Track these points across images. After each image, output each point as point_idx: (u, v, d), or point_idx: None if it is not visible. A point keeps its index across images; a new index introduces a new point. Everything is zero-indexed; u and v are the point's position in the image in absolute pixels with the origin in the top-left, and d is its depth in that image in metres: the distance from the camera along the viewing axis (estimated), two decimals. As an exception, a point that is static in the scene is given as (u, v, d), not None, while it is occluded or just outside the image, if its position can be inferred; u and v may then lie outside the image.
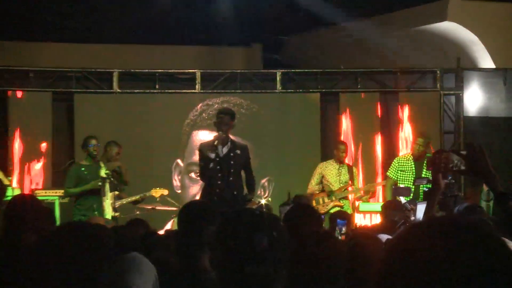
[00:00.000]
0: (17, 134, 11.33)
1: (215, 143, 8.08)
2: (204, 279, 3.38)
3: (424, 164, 9.38)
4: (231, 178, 8.03)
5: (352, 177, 10.07)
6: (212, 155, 8.04)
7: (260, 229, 2.13)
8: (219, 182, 7.98)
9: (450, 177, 8.51)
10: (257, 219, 2.28)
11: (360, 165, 11.57)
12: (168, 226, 9.25)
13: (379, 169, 11.51)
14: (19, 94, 11.61)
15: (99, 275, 2.39)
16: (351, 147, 11.53)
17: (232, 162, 8.09)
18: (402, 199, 8.58)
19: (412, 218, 7.02)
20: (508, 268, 1.09)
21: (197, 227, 3.65)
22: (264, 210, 7.67)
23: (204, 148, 8.19)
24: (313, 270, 3.06)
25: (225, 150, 8.11)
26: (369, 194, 10.42)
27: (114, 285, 2.75)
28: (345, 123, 11.96)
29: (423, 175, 9.32)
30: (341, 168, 10.03)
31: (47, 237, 2.79)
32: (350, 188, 10.03)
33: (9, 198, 7.48)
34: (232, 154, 8.12)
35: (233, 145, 8.17)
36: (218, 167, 8.01)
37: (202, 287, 3.38)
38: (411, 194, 9.08)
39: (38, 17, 12.40)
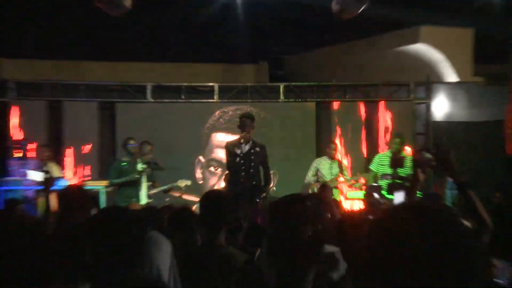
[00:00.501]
0: (70, 135, 11.42)
1: (241, 141, 8.04)
2: (221, 253, 3.41)
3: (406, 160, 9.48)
4: (251, 171, 8.02)
5: (341, 170, 10.10)
6: (238, 151, 8.02)
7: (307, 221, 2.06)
8: (242, 174, 7.97)
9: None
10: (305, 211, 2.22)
11: (348, 160, 11.60)
12: (192, 210, 9.25)
13: (363, 164, 11.51)
14: (70, 104, 11.70)
15: (133, 250, 2.42)
16: (341, 146, 11.59)
17: (252, 157, 8.05)
18: (376, 195, 8.63)
19: None
20: (463, 245, 1.14)
21: (216, 211, 3.66)
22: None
23: (230, 146, 8.15)
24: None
25: (247, 147, 8.07)
26: (359, 182, 10.49)
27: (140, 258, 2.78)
28: (336, 127, 12.00)
29: (399, 169, 9.38)
30: (332, 163, 10.06)
31: (91, 218, 2.82)
32: (340, 179, 10.07)
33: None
34: (253, 151, 8.08)
35: (254, 144, 8.13)
36: (242, 161, 7.99)
37: (219, 259, 3.39)
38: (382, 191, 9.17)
39: (85, 41, 12.44)
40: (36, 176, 8.93)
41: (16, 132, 11.25)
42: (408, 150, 10.04)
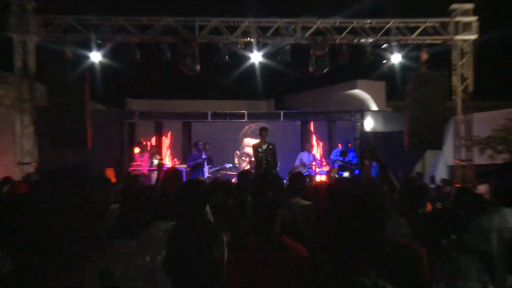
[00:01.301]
0: (167, 140, 11.56)
1: (260, 143, 7.97)
2: (247, 206, 3.28)
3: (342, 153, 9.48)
4: (269, 159, 7.90)
5: (315, 159, 10.09)
6: (260, 150, 7.93)
7: (269, 186, 2.00)
8: (264, 162, 7.87)
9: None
10: (267, 180, 2.16)
11: (318, 153, 11.59)
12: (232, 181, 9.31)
13: (327, 154, 11.51)
14: (167, 123, 11.87)
15: (201, 204, 2.35)
16: (316, 145, 11.59)
17: (269, 153, 7.93)
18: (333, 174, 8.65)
19: None
20: (381, 199, 1.10)
21: (245, 181, 3.65)
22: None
23: (255, 146, 8.05)
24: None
25: (265, 146, 7.94)
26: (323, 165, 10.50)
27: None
28: (312, 135, 11.93)
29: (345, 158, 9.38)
30: (309, 154, 10.05)
31: (180, 187, 2.81)
32: (313, 163, 10.06)
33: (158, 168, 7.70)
34: (268, 149, 7.96)
35: (269, 144, 7.99)
36: (263, 155, 7.90)
37: (246, 209, 3.26)
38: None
39: (175, 88, 12.60)
40: (155, 162, 9.04)
41: (138, 137, 11.45)
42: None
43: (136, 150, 10.50)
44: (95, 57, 8.63)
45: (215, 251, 1.18)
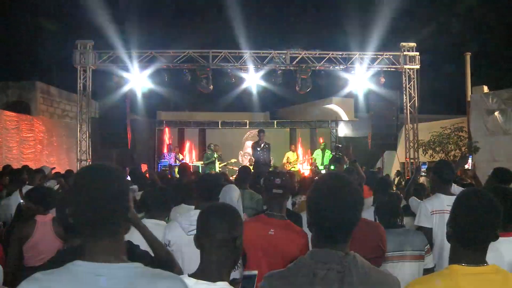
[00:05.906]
0: (188, 143, 11.46)
1: (259, 142, 7.66)
2: (248, 191, 3.19)
3: (326, 152, 9.37)
4: (265, 156, 7.58)
5: (298, 157, 9.96)
6: (258, 148, 7.60)
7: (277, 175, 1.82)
8: (261, 157, 7.51)
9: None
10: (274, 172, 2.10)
11: (303, 152, 11.50)
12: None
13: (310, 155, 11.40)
14: (187, 129, 11.76)
15: (215, 191, 2.11)
16: (300, 147, 11.52)
17: (265, 150, 7.59)
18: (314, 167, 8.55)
19: None
20: (353, 195, 1.01)
21: (245, 172, 3.49)
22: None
23: (254, 145, 7.75)
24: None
25: (262, 145, 7.63)
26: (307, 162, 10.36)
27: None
28: (298, 140, 11.76)
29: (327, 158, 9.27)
30: (293, 153, 9.77)
31: (197, 178, 2.70)
32: (299, 160, 9.93)
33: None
34: (264, 147, 7.63)
35: (265, 143, 7.64)
36: (260, 152, 7.55)
37: (246, 193, 3.14)
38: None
39: (193, 103, 12.54)
40: (170, 160, 9.00)
41: (165, 140, 11.36)
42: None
43: (164, 150, 10.49)
44: (134, 80, 8.92)
45: (236, 228, 1.13)
